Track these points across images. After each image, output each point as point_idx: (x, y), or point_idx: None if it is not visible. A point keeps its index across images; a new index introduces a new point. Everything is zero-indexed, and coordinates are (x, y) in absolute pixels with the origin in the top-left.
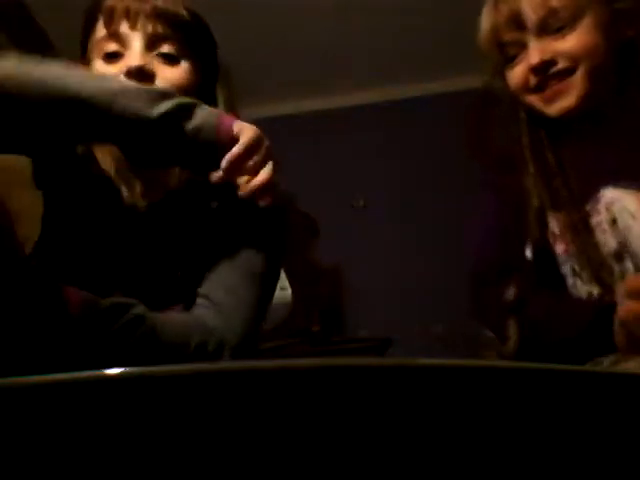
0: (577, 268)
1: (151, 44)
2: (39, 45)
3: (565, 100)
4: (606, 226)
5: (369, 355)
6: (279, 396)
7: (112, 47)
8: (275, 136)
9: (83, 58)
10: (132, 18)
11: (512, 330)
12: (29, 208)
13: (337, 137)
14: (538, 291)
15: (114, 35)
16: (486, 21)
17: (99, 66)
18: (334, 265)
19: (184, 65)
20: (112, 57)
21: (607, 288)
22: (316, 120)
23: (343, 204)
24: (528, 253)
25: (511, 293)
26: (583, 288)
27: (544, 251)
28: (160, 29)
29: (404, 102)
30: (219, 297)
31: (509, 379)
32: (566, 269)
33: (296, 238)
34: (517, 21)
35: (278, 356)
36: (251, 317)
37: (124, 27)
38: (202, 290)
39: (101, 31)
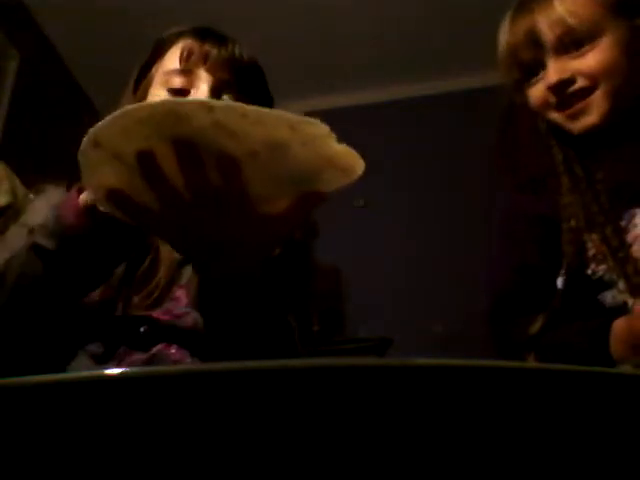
0: (614, 279)
1: (217, 89)
2: (39, 45)
3: (588, 117)
4: None
5: (369, 355)
6: (279, 396)
7: (179, 83)
8: None
9: (139, 82)
10: (209, 64)
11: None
12: None
13: (337, 137)
14: (564, 323)
15: (186, 72)
16: (504, 39)
17: (162, 98)
18: (334, 265)
19: None
20: (177, 93)
21: None
22: None
23: (343, 204)
24: (559, 283)
25: (536, 327)
26: (621, 297)
27: (577, 275)
28: (229, 77)
29: (404, 102)
30: None
31: (509, 379)
32: (603, 282)
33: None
34: (534, 40)
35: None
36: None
37: (196, 67)
38: None
39: (172, 63)
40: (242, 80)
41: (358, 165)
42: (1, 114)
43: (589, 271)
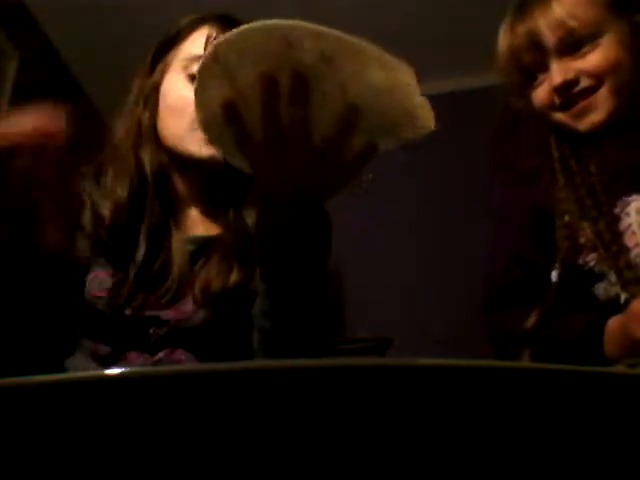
0: (605, 270)
1: None
2: (39, 45)
3: (594, 115)
4: (636, 228)
5: (369, 355)
6: (279, 396)
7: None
8: None
9: (155, 64)
10: None
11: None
12: None
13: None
14: (559, 317)
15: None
16: (504, 43)
17: (181, 83)
18: (334, 265)
19: None
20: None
21: (632, 290)
22: None
23: (343, 204)
24: (553, 276)
25: (531, 321)
26: (612, 290)
27: (571, 267)
28: None
29: None
30: None
31: (509, 379)
32: (596, 273)
33: None
34: (535, 43)
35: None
36: None
37: None
38: None
39: (194, 49)
40: None
41: (431, 121)
42: (1, 114)
43: (580, 261)
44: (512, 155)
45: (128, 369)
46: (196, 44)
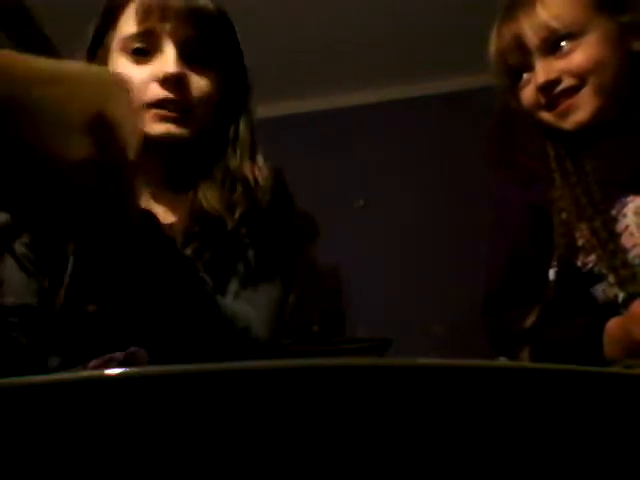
0: (605, 271)
1: (183, 49)
2: (39, 46)
3: (578, 114)
4: (634, 229)
5: (369, 355)
6: (279, 396)
7: (141, 45)
8: (275, 136)
9: (95, 53)
10: (171, 19)
11: (525, 360)
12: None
13: (337, 137)
14: (556, 317)
15: (146, 34)
16: (493, 46)
17: (124, 65)
18: (334, 265)
19: (214, 73)
20: (140, 54)
21: (630, 288)
22: (316, 120)
23: (343, 204)
24: (551, 274)
25: (530, 320)
26: (611, 291)
27: (569, 267)
28: (195, 32)
29: (404, 102)
30: (248, 294)
31: (509, 379)
32: (594, 274)
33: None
34: (520, 45)
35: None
36: (275, 314)
37: (158, 27)
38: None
39: (130, 28)
40: (210, 35)
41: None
42: None
43: (579, 263)
44: (510, 155)
45: (128, 369)
46: (131, 20)
